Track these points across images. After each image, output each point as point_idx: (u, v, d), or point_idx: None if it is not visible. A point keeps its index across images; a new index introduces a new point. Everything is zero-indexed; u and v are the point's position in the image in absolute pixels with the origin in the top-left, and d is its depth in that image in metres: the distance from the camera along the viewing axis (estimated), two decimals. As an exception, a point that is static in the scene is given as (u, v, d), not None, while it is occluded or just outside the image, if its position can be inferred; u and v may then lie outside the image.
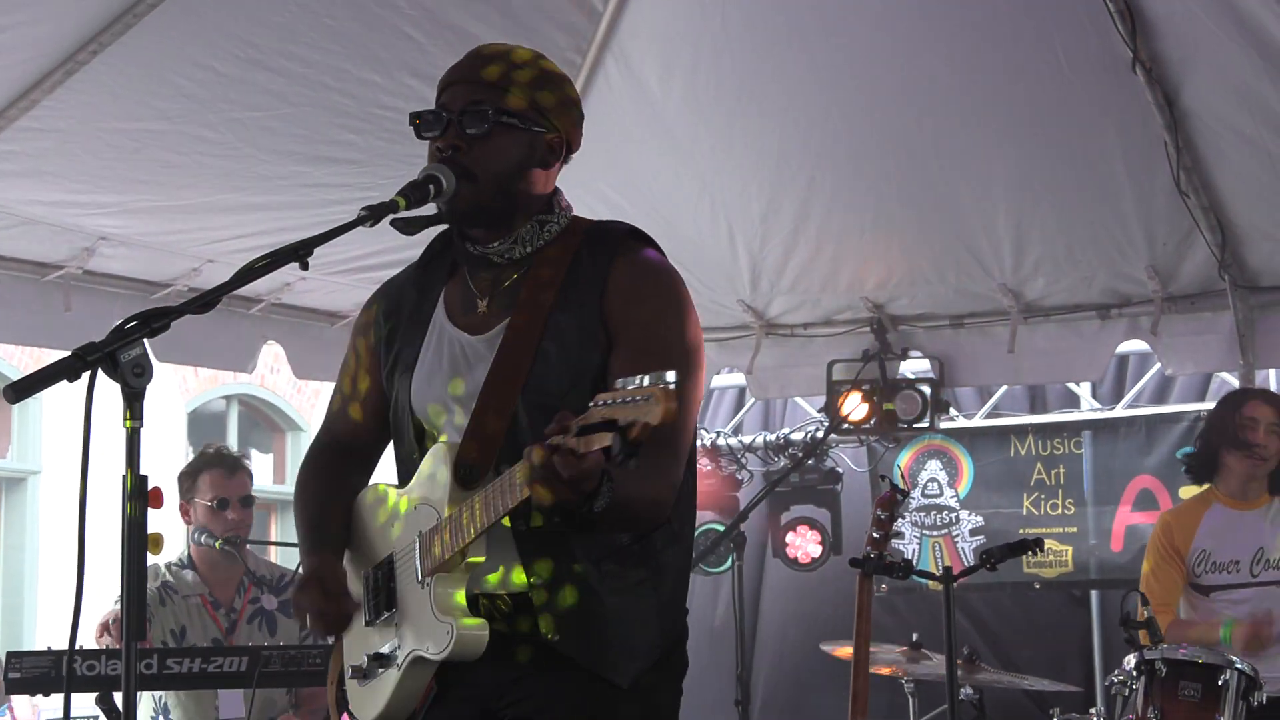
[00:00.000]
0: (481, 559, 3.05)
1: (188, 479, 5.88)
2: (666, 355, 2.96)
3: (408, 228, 3.12)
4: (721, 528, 8.09)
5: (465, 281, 3.27)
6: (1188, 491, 7.46)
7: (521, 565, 3.08)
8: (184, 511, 5.86)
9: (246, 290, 7.22)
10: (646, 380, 2.54)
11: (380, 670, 3.20)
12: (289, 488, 13.95)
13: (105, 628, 5.46)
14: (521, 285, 3.19)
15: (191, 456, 6.08)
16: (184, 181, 6.32)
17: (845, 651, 5.70)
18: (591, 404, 2.61)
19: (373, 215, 2.98)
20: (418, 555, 3.12)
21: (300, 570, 3.36)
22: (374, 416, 3.40)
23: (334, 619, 3.24)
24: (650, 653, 3.12)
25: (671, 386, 2.53)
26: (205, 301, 2.86)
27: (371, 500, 3.34)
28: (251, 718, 5.49)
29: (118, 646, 5.48)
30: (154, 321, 2.67)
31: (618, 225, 3.29)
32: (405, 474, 3.28)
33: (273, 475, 15.32)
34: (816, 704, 8.22)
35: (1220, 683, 5.47)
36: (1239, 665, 5.52)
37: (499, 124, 3.13)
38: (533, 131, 3.18)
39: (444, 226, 3.27)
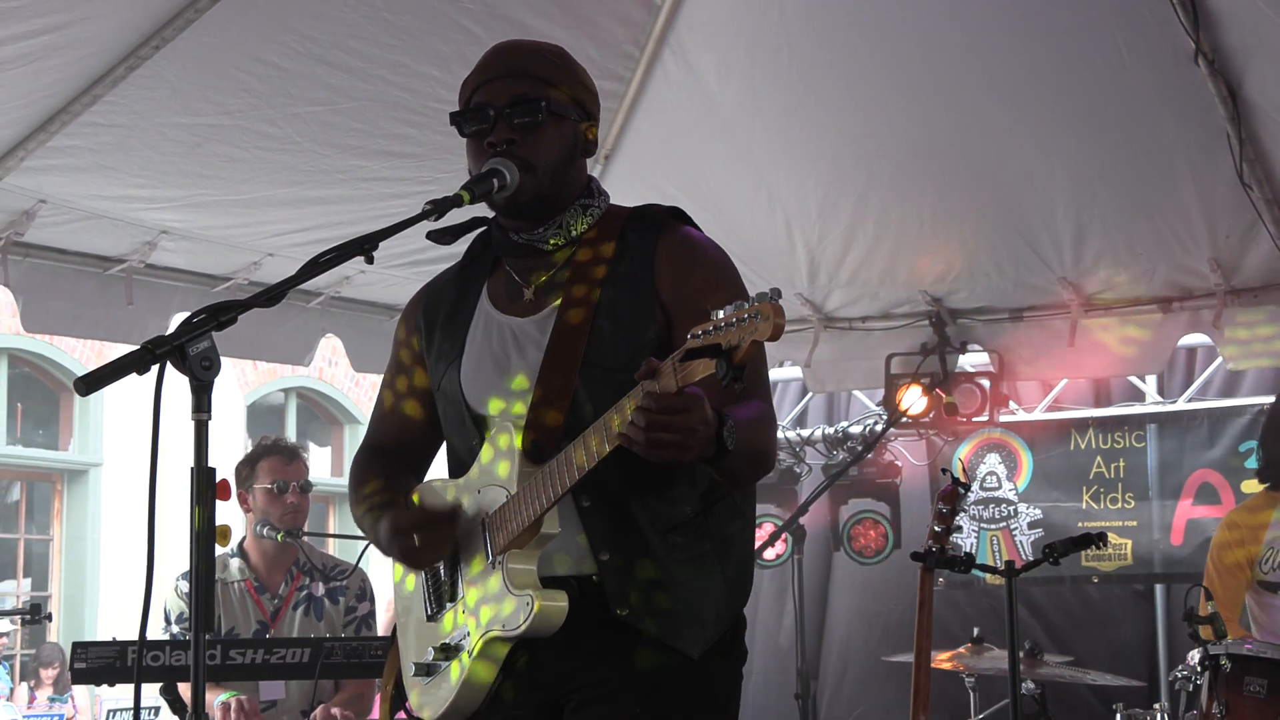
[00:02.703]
0: (556, 531, 3.05)
1: (246, 467, 5.96)
2: None
3: (443, 238, 3.14)
4: (780, 521, 8.09)
5: (509, 273, 3.30)
6: (1250, 486, 7.43)
7: (589, 542, 3.09)
8: (242, 500, 5.92)
9: (307, 284, 7.23)
10: (751, 302, 2.54)
11: (445, 662, 3.21)
12: (346, 480, 14.05)
13: (226, 707, 5.51)
14: (569, 267, 3.22)
15: (251, 449, 6.13)
16: (244, 176, 6.36)
17: (907, 656, 5.70)
18: (689, 336, 2.61)
19: (437, 209, 3.01)
20: (487, 536, 3.14)
21: (380, 531, 3.28)
22: (420, 419, 3.44)
23: (440, 537, 3.20)
24: (718, 623, 3.13)
25: (778, 301, 2.53)
26: (272, 295, 2.88)
27: (427, 496, 3.35)
28: (298, 702, 5.55)
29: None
30: (222, 315, 2.69)
31: (658, 207, 3.33)
32: (461, 465, 3.29)
33: (330, 468, 15.42)
34: (878, 698, 8.21)
35: (1286, 678, 5.45)
36: (1307, 660, 5.50)
37: (549, 114, 3.18)
38: (575, 121, 3.24)
39: (479, 231, 3.32)
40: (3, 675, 11.37)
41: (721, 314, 2.57)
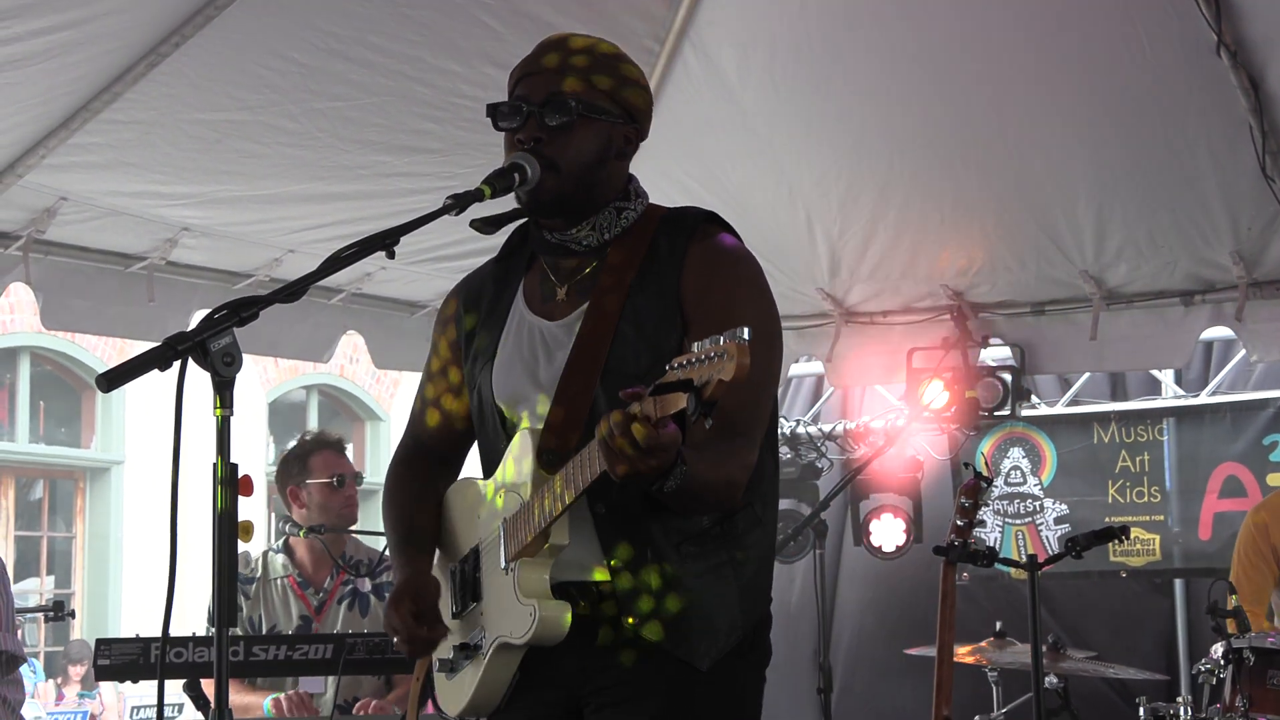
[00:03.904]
0: (565, 542, 3.05)
1: (297, 463, 5.87)
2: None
3: (486, 227, 3.13)
4: (802, 515, 8.08)
5: (544, 271, 3.29)
6: (1276, 479, 7.41)
7: (601, 549, 3.09)
8: (294, 496, 5.85)
9: (328, 280, 7.24)
10: (721, 340, 2.52)
11: (466, 661, 3.23)
12: (369, 477, 14.01)
13: (278, 704, 5.54)
14: (600, 271, 3.20)
15: (273, 446, 6.13)
16: (265, 172, 6.37)
17: (928, 650, 5.69)
18: (667, 368, 2.60)
19: (458, 204, 2.98)
20: (502, 542, 3.14)
21: (393, 579, 3.35)
22: (458, 413, 3.42)
23: (421, 643, 3.24)
24: (730, 635, 3.12)
25: (745, 342, 2.50)
26: (293, 291, 2.86)
27: (459, 494, 3.37)
28: (337, 697, 5.55)
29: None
30: (243, 310, 2.68)
31: (694, 210, 3.30)
32: (490, 464, 3.29)
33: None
34: (897, 693, 8.21)
35: (1308, 672, 5.45)
36: (1329, 655, 5.49)
37: (581, 116, 3.13)
38: (611, 122, 3.19)
39: (520, 222, 3.29)
40: (29, 673, 11.40)
41: (696, 348, 2.56)
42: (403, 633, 3.22)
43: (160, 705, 3.11)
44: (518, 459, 3.16)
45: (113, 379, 2.60)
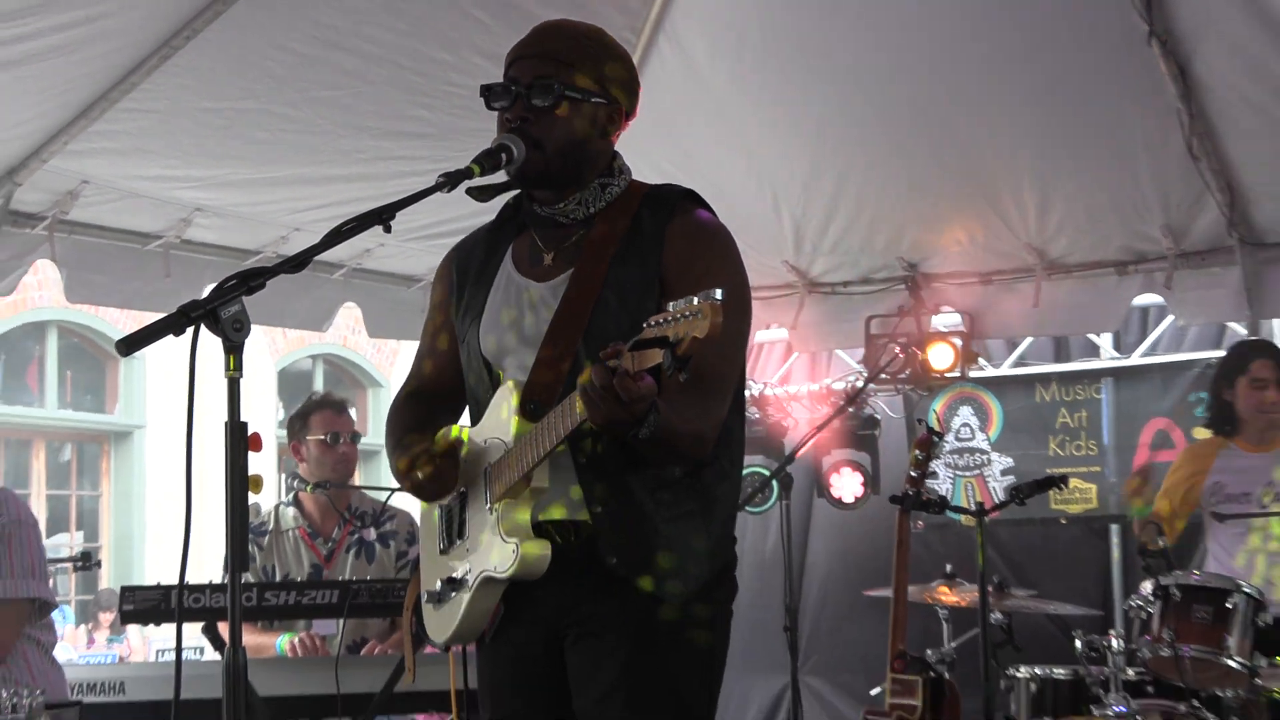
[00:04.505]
0: (545, 485, 3.06)
1: (299, 420, 5.89)
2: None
3: (481, 195, 3.14)
4: (768, 471, 8.09)
5: (533, 238, 3.29)
6: (1200, 433, 7.44)
7: (582, 494, 3.10)
8: (295, 451, 5.87)
9: (330, 256, 7.30)
10: (695, 300, 2.54)
11: (453, 594, 3.23)
12: (369, 438, 14.03)
13: (294, 646, 5.54)
14: (584, 241, 3.20)
15: (282, 410, 6.13)
16: (270, 156, 6.36)
17: (886, 591, 5.71)
18: (644, 325, 2.62)
19: (449, 181, 2.99)
20: (485, 484, 3.15)
21: (398, 465, 3.32)
22: (453, 363, 3.42)
23: (444, 470, 3.23)
24: (699, 576, 3.13)
25: (718, 301, 2.53)
26: (297, 262, 2.87)
27: (445, 438, 3.34)
28: (344, 639, 5.56)
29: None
30: (251, 280, 2.68)
31: (675, 188, 3.30)
32: (477, 412, 3.30)
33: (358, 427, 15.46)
34: (858, 631, 8.24)
35: (1229, 605, 5.50)
36: (1246, 589, 5.55)
37: (564, 97, 3.14)
38: (595, 103, 3.20)
39: (514, 193, 3.29)
40: (59, 618, 11.41)
41: (672, 307, 2.58)
42: (424, 468, 3.21)
43: (179, 647, 3.12)
44: (500, 408, 3.17)
45: (131, 343, 2.62)
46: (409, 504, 5.37)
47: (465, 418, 3.43)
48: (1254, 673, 5.39)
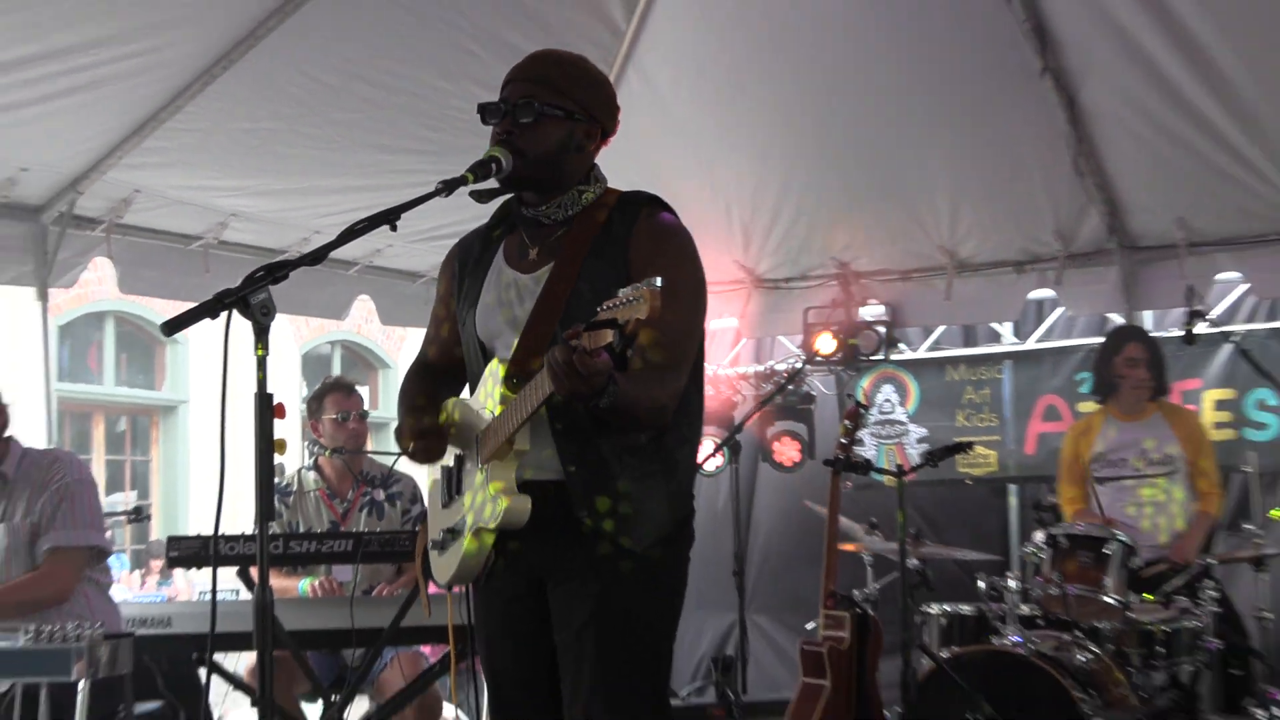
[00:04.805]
0: (526, 448, 3.04)
1: (315, 402, 5.87)
2: (676, 294, 2.93)
3: (480, 199, 3.13)
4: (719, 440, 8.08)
5: (521, 236, 3.27)
6: (1085, 406, 7.47)
7: (560, 457, 3.08)
8: (313, 428, 5.86)
9: (346, 255, 7.28)
10: (640, 287, 2.53)
11: (451, 541, 3.21)
12: (380, 412, 13.96)
13: (315, 588, 5.53)
14: (564, 239, 3.18)
15: (305, 390, 6.10)
16: (295, 169, 6.33)
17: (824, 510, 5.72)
18: (598, 309, 2.60)
19: (447, 187, 2.97)
20: (477, 447, 3.14)
21: (401, 432, 3.32)
22: (454, 346, 3.40)
23: (431, 443, 3.24)
24: (661, 527, 3.11)
25: (657, 288, 2.51)
26: (316, 256, 2.86)
27: (452, 409, 3.33)
28: (358, 583, 5.53)
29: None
30: (277, 271, 2.67)
31: (643, 194, 3.28)
32: (473, 385, 3.28)
33: (367, 403, 15.39)
34: (796, 575, 8.24)
35: (1106, 551, 5.57)
36: (1120, 538, 5.59)
37: (543, 114, 3.12)
38: (572, 120, 3.17)
39: (507, 197, 3.27)
40: (115, 564, 11.35)
41: (620, 294, 2.56)
42: (418, 439, 3.24)
43: (214, 588, 3.10)
44: (488, 382, 3.15)
45: (173, 326, 2.62)
46: (413, 470, 5.39)
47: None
48: (1126, 607, 5.44)
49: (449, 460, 3.30)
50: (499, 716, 3.25)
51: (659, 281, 2.52)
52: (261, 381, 2.61)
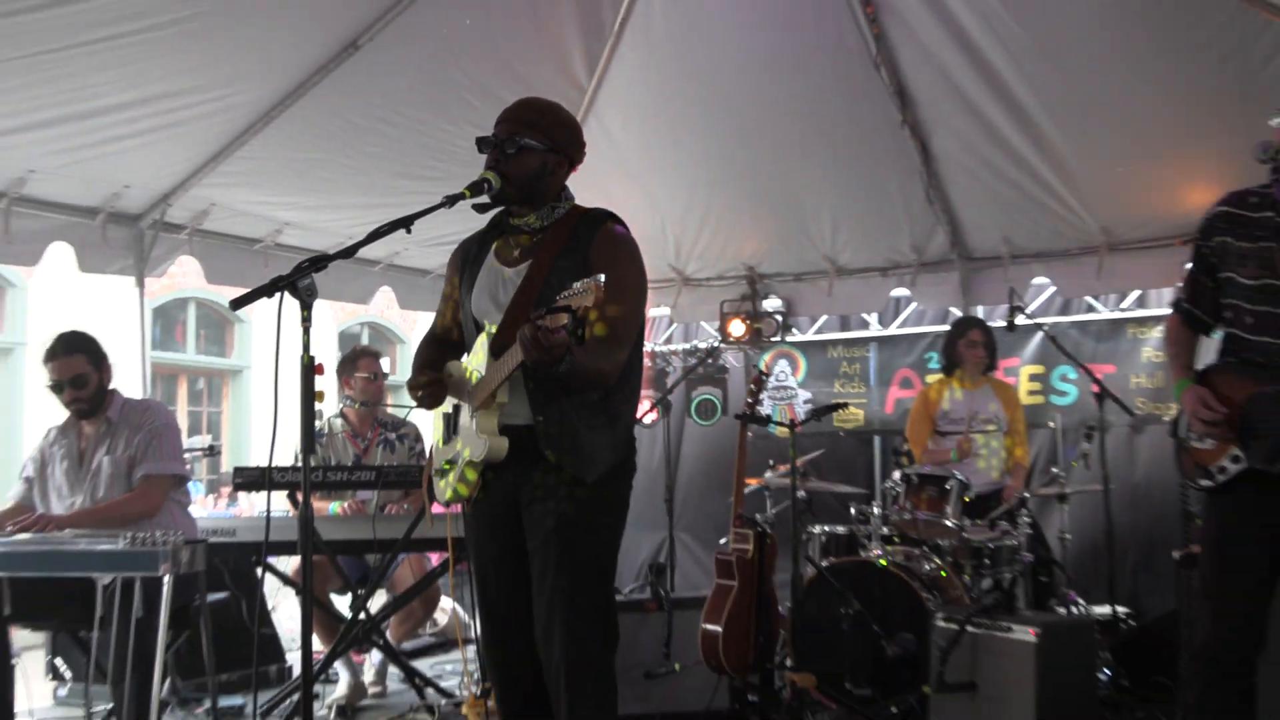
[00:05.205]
0: (505, 400, 3.06)
1: (349, 364, 5.92)
2: (623, 288, 2.96)
3: (480, 210, 3.14)
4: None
5: (508, 240, 3.27)
6: (932, 377, 7.53)
7: (531, 408, 3.08)
8: (345, 384, 5.89)
9: (372, 254, 7.23)
10: (588, 280, 2.57)
11: (449, 470, 3.22)
12: (396, 376, 13.79)
13: (344, 508, 5.52)
14: (540, 243, 3.19)
15: (338, 360, 6.08)
16: (334, 190, 6.26)
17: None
18: (556, 298, 2.63)
19: (449, 201, 2.99)
20: (469, 398, 3.14)
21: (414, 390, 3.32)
22: (456, 324, 3.40)
23: (434, 391, 3.24)
24: (608, 464, 3.13)
25: (601, 282, 2.54)
26: (348, 252, 2.88)
27: (452, 369, 3.33)
28: (376, 503, 5.51)
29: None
30: (318, 263, 2.69)
31: (602, 211, 3.29)
32: (468, 351, 3.28)
33: (387, 368, 15.28)
34: (713, 503, 8.27)
35: (947, 487, 5.59)
36: (958, 476, 5.62)
37: (522, 147, 3.13)
38: (547, 153, 3.17)
39: (499, 209, 3.27)
40: (193, 489, 11.26)
41: (573, 286, 2.59)
42: (421, 387, 3.24)
43: (269, 506, 3.09)
44: (480, 350, 3.15)
45: (238, 303, 2.62)
46: (417, 420, 5.37)
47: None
48: (962, 529, 5.49)
49: (448, 408, 3.30)
50: (484, 606, 3.26)
51: (603, 277, 2.55)
52: (306, 345, 2.61)
